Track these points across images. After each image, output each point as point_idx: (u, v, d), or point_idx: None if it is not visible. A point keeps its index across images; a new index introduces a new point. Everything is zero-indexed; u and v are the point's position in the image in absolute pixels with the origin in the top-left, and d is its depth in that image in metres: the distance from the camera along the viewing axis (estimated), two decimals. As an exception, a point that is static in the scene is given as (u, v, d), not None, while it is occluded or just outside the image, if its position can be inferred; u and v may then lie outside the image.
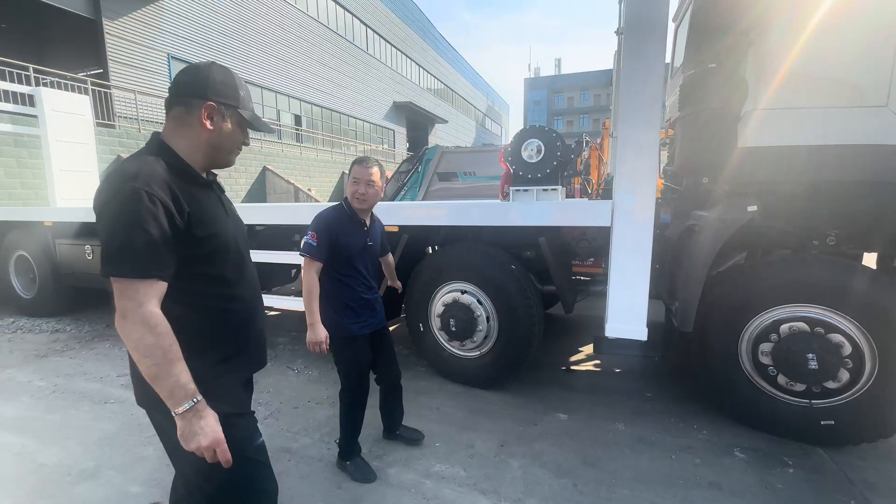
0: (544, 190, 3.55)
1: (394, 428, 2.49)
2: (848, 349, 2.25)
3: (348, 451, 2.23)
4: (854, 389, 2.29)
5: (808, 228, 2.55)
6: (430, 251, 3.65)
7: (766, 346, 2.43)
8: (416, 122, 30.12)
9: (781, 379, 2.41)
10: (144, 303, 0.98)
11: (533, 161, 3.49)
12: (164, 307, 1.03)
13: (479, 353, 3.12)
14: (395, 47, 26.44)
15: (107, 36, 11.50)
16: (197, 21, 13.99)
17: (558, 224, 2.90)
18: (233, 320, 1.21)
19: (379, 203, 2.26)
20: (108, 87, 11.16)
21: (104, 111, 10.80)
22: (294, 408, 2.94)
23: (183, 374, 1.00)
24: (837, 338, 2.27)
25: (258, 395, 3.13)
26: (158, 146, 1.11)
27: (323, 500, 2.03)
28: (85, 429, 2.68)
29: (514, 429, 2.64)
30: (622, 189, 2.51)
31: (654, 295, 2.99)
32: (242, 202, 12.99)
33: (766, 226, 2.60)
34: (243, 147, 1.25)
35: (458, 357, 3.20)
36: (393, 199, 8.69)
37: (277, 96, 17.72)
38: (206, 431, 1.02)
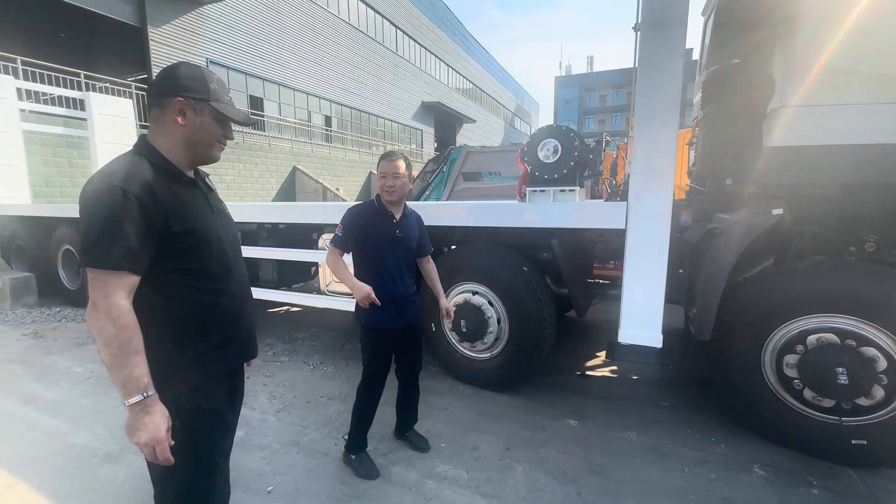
0: (561, 191, 3.48)
1: (404, 429, 2.49)
2: (883, 364, 2.09)
3: (355, 445, 2.26)
4: (890, 408, 2.12)
5: (845, 233, 2.38)
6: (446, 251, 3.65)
7: (791, 358, 2.29)
8: (445, 121, 30.19)
9: (808, 393, 2.27)
10: (112, 294, 1.02)
11: (549, 161, 3.42)
12: (147, 298, 1.08)
13: (489, 354, 3.09)
14: (424, 48, 26.60)
15: (151, 43, 12.14)
16: (234, 27, 14.55)
17: (570, 226, 2.83)
18: (217, 313, 1.24)
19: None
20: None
21: (146, 114, 11.43)
22: (307, 402, 3.01)
23: (138, 367, 1.03)
24: (871, 351, 2.11)
25: (274, 388, 3.23)
26: (143, 146, 1.16)
27: (326, 494, 2.07)
28: (113, 414, 2.84)
29: (521, 433, 2.60)
30: (637, 190, 2.43)
31: (673, 300, 2.89)
32: (273, 201, 13.43)
33: (797, 230, 2.46)
34: (226, 140, 1.26)
35: (468, 358, 3.18)
36: (418, 198, 8.73)
37: (308, 98, 18.19)
38: (150, 428, 1.03)
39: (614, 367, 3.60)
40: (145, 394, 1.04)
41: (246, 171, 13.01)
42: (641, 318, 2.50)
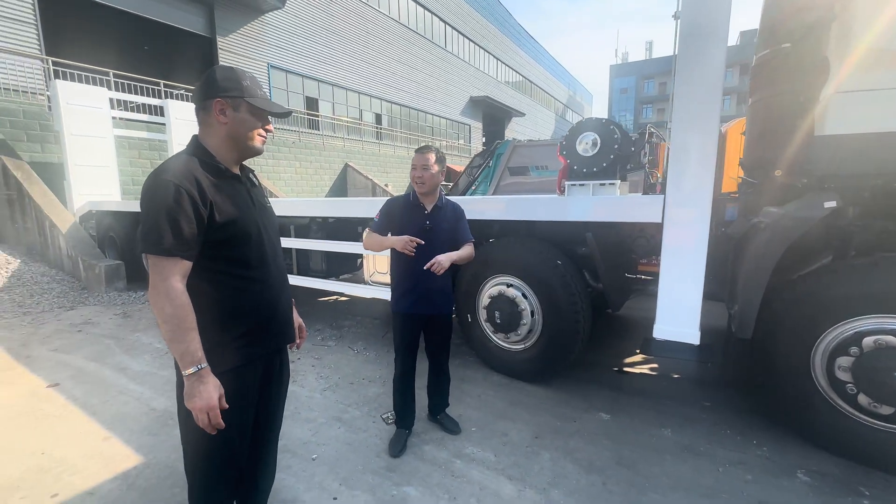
0: (601, 184, 3.45)
1: (435, 411, 2.63)
2: (951, 371, 1.91)
3: (397, 420, 2.48)
4: (959, 419, 1.94)
5: None
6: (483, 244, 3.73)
7: (844, 361, 2.15)
8: (493, 115, 29.97)
9: (863, 399, 2.12)
10: (168, 277, 1.17)
11: (588, 155, 3.40)
12: (194, 283, 1.23)
13: (523, 346, 3.15)
14: (472, 42, 26.51)
15: (219, 51, 13.17)
16: (292, 32, 15.39)
17: (604, 220, 2.81)
18: (256, 299, 1.37)
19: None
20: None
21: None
22: (350, 383, 3.24)
23: (193, 342, 1.18)
24: (937, 357, 1.94)
25: (321, 369, 3.50)
26: (195, 146, 1.31)
27: (363, 465, 2.26)
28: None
29: (551, 423, 2.65)
30: (674, 183, 2.38)
31: (715, 297, 2.79)
32: (326, 196, 14.12)
33: (859, 225, 2.29)
34: (266, 131, 1.37)
35: (503, 349, 3.26)
36: (464, 193, 8.81)
37: (360, 96, 18.84)
38: (204, 396, 1.18)
39: (654, 365, 3.52)
40: (199, 366, 1.19)
41: (301, 169, 13.78)
42: (678, 313, 2.45)
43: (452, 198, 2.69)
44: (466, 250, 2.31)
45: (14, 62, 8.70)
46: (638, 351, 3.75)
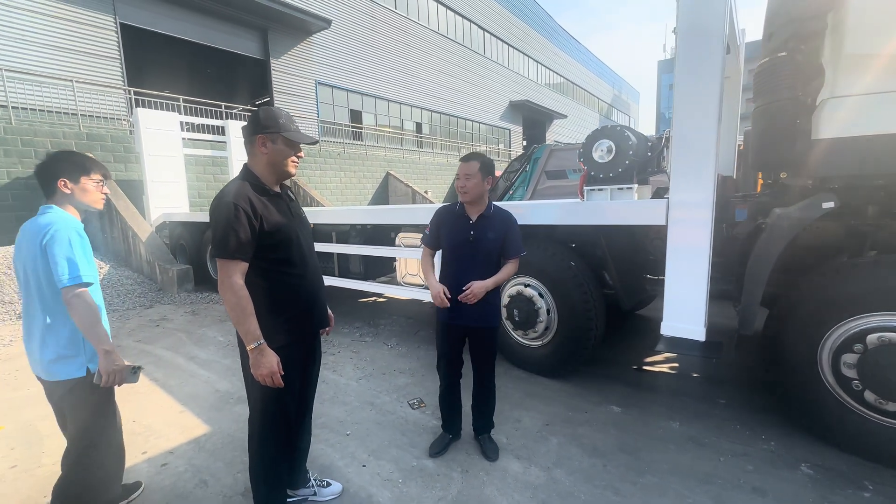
0: (619, 189, 3.60)
1: (477, 431, 2.49)
2: (955, 367, 1.93)
3: (443, 425, 2.52)
4: (965, 415, 1.95)
5: None
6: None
7: (849, 358, 2.20)
8: (533, 119, 29.84)
9: (869, 395, 2.16)
10: (231, 275, 1.53)
11: (604, 161, 3.56)
12: (251, 279, 1.59)
13: (540, 342, 3.35)
14: (511, 46, 26.64)
15: (273, 72, 14.28)
16: (337, 50, 16.34)
17: (612, 223, 2.96)
18: (298, 291, 1.73)
19: (446, 205, 2.59)
20: (273, 114, 13.87)
21: (270, 133, 13.48)
22: (382, 374, 3.59)
23: (253, 324, 1.53)
24: (940, 354, 1.96)
25: (358, 361, 3.88)
26: (246, 172, 1.69)
27: (388, 441, 2.58)
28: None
29: (563, 413, 2.84)
30: (677, 186, 2.51)
31: (725, 296, 2.87)
32: (368, 204, 14.82)
33: (872, 225, 2.32)
34: (298, 157, 1.71)
35: (522, 345, 3.48)
36: (501, 198, 9.02)
37: (401, 107, 19.56)
38: (265, 364, 1.54)
39: (674, 364, 3.58)
40: (259, 342, 1.54)
41: (346, 179, 14.56)
42: (683, 311, 2.57)
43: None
44: (507, 270, 2.21)
45: (104, 94, 10.03)
46: (654, 348, 3.83)
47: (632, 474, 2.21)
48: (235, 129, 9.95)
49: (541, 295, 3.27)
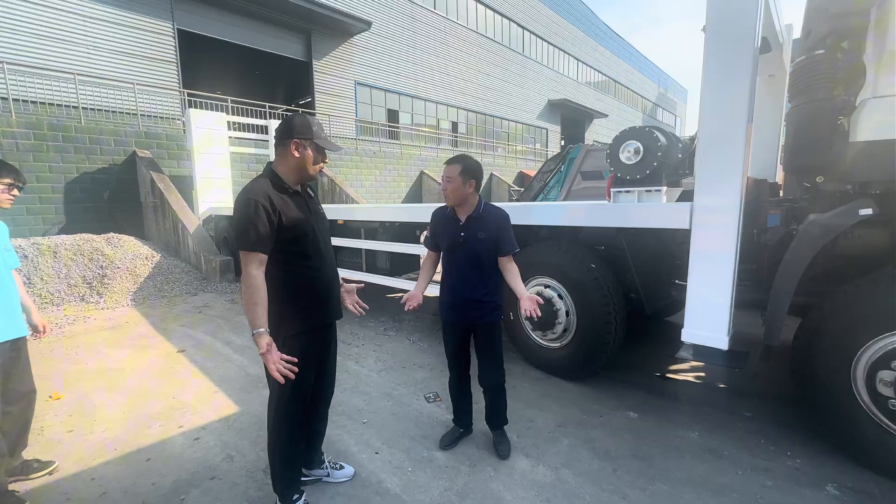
0: (647, 191, 3.52)
1: (490, 425, 2.53)
2: None
3: (453, 418, 2.59)
4: None
5: None
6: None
7: (886, 375, 2.06)
8: (572, 118, 29.20)
9: (907, 416, 2.02)
10: (249, 265, 1.66)
11: (632, 163, 3.49)
12: (271, 271, 1.72)
13: (559, 344, 3.34)
14: (551, 44, 26.18)
15: (315, 73, 14.80)
16: (376, 51, 16.69)
17: (634, 226, 2.91)
18: (313, 282, 1.85)
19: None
20: (313, 114, 14.39)
21: (310, 132, 13.98)
22: (402, 367, 3.69)
23: (259, 313, 1.64)
24: None
25: (380, 354, 4.01)
26: (268, 171, 1.81)
27: (402, 430, 2.67)
28: (273, 358, 3.95)
29: (577, 416, 2.82)
30: (702, 189, 2.45)
31: (755, 305, 2.75)
32: (402, 202, 15.06)
33: None
34: (323, 163, 1.86)
35: (540, 346, 3.47)
36: (535, 198, 8.94)
37: (437, 106, 19.71)
38: (263, 346, 1.64)
39: (700, 374, 3.46)
40: (261, 329, 1.65)
41: (381, 177, 14.88)
42: (706, 318, 2.50)
43: (509, 205, 2.79)
44: (515, 270, 2.26)
45: (161, 95, 10.79)
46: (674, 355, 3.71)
47: (642, 481, 2.18)
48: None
49: (560, 296, 3.25)
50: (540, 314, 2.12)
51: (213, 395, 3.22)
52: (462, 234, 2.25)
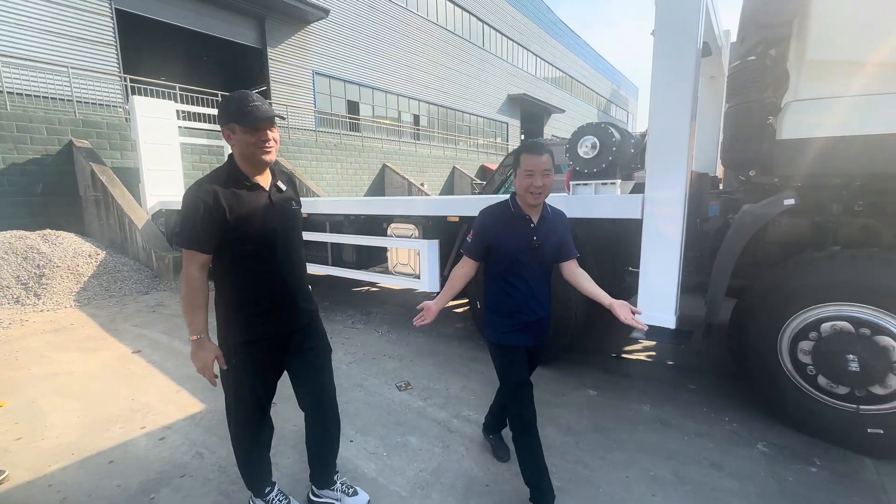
0: (603, 184, 3.74)
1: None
2: (897, 354, 2.09)
3: (492, 428, 2.42)
4: (905, 398, 2.11)
5: (877, 224, 2.34)
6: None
7: (805, 345, 2.36)
8: (531, 112, 29.84)
9: (822, 380, 2.32)
10: (188, 265, 1.53)
11: (589, 157, 3.69)
12: (219, 272, 1.59)
13: (524, 330, 3.50)
14: (510, 39, 26.56)
15: (270, 61, 14.24)
16: (336, 40, 16.28)
17: (592, 216, 3.10)
18: (262, 288, 1.63)
19: (444, 198, 2.60)
20: (269, 104, 13.87)
21: (266, 123, 13.46)
22: (372, 358, 3.73)
23: (197, 317, 1.55)
24: (886, 341, 2.12)
25: (349, 347, 4.02)
26: (227, 162, 1.63)
27: (375, 419, 2.73)
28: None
29: (541, 396, 2.97)
30: (652, 182, 2.65)
31: (700, 289, 3.02)
32: (364, 196, 14.88)
33: (836, 221, 2.47)
34: (266, 140, 1.57)
35: (506, 332, 3.62)
36: (496, 192, 9.17)
37: (399, 98, 19.54)
38: (199, 357, 1.56)
39: (651, 353, 3.75)
40: (200, 335, 1.56)
41: (343, 170, 14.61)
42: (656, 300, 2.72)
43: (473, 198, 2.88)
44: (586, 274, 1.94)
45: (100, 81, 10.01)
46: (628, 334, 3.99)
47: (601, 451, 2.37)
48: (232, 119, 9.97)
49: (524, 284, 3.41)
50: (644, 327, 1.79)
51: (175, 395, 3.12)
52: (535, 237, 1.82)
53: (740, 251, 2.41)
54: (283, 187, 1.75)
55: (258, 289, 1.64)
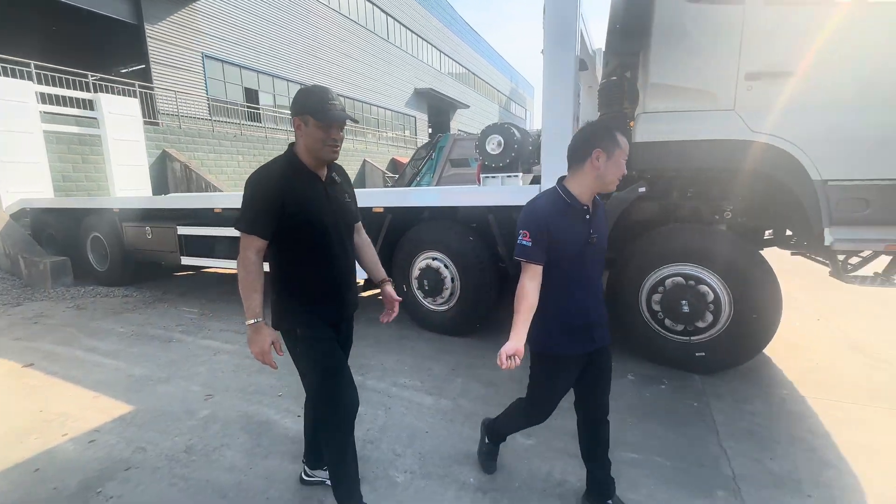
0: (508, 176, 4.33)
1: (600, 495, 1.85)
2: (711, 297, 2.94)
3: (494, 436, 2.23)
4: (716, 329, 2.98)
5: (710, 205, 3.18)
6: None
7: (656, 297, 3.14)
8: (438, 107, 30.65)
9: (668, 322, 3.12)
10: (246, 249, 1.54)
11: (495, 153, 4.25)
12: (276, 258, 1.61)
13: (446, 307, 3.95)
14: (415, 34, 26.92)
15: (149, 39, 12.74)
16: (228, 21, 15.07)
17: (500, 204, 3.62)
18: (318, 277, 1.65)
19: (368, 190, 2.86)
20: (152, 88, 12.43)
21: (148, 110, 12.06)
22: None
23: (255, 301, 1.53)
24: (704, 288, 2.96)
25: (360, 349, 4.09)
26: (288, 151, 1.63)
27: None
28: (157, 356, 3.72)
29: (466, 360, 3.48)
30: (547, 175, 3.24)
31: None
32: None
33: (670, 204, 3.28)
34: (336, 140, 1.58)
35: (431, 310, 4.04)
36: (409, 184, 9.48)
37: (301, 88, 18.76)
38: (258, 342, 1.53)
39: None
40: (257, 319, 1.53)
41: (245, 162, 13.72)
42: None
43: (395, 190, 3.23)
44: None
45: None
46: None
47: (516, 394, 2.90)
48: (110, 104, 8.88)
49: (446, 266, 3.85)
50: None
51: (93, 401, 2.98)
52: (592, 231, 1.62)
53: (610, 230, 3.11)
54: (338, 179, 1.77)
55: (314, 276, 1.65)
